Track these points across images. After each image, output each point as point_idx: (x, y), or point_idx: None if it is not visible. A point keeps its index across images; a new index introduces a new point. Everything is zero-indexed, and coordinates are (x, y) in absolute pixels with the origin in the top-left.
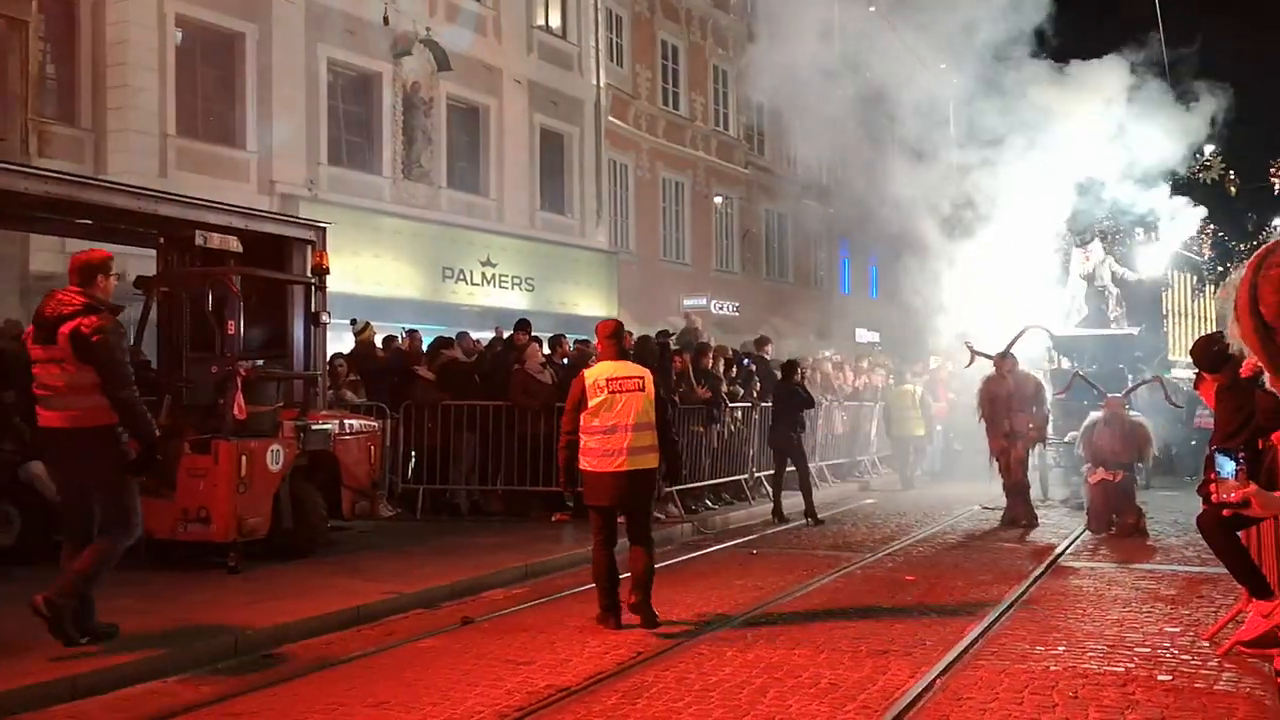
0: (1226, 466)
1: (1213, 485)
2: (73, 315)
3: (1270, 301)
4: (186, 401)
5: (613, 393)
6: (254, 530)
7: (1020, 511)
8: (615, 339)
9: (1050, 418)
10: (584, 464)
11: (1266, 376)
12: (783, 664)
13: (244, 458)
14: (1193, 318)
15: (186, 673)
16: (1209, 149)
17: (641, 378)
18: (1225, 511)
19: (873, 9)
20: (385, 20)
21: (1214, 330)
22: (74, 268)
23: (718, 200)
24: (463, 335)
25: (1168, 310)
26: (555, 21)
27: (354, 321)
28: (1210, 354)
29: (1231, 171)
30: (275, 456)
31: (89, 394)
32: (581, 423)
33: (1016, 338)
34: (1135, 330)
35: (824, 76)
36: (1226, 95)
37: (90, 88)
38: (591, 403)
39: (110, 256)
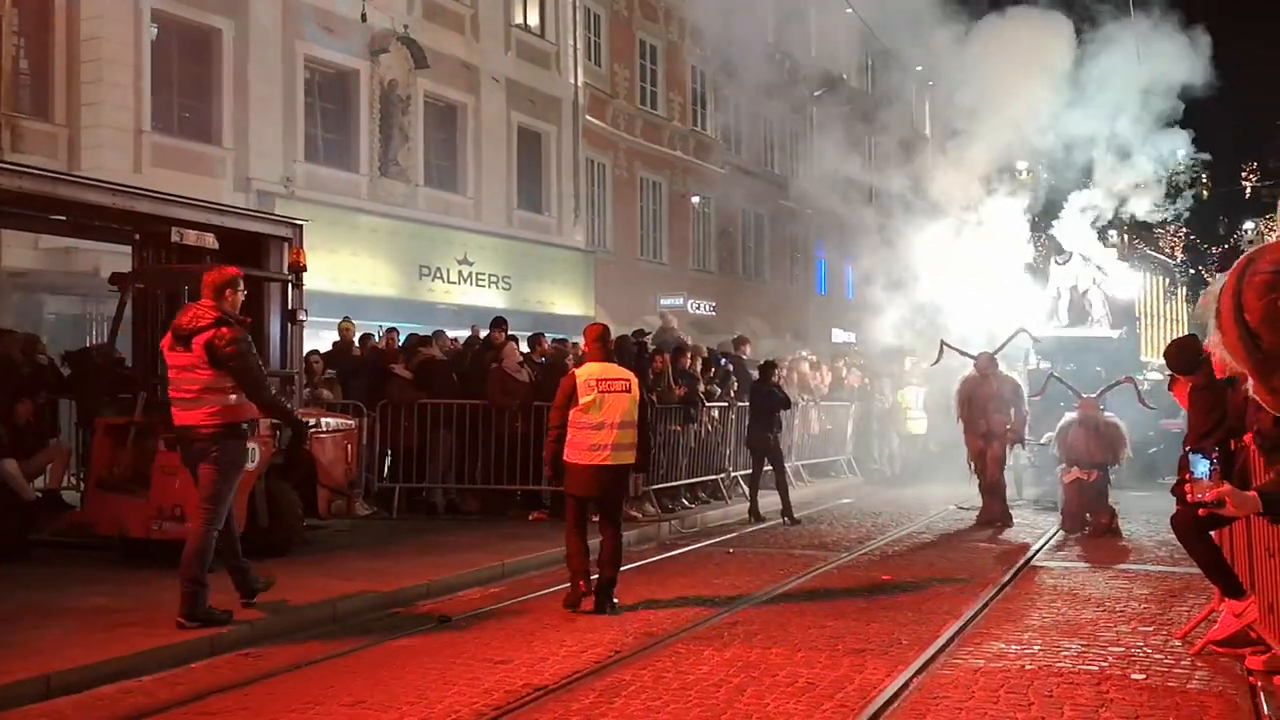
0: (1201, 466)
1: (1188, 485)
2: (207, 327)
3: (1255, 308)
4: (161, 399)
5: (602, 392)
6: None
7: (996, 511)
8: (602, 342)
9: (1027, 418)
10: (568, 456)
11: (1250, 383)
12: (760, 663)
13: None
14: (1165, 320)
15: (161, 671)
16: (1181, 152)
17: (629, 380)
18: (1201, 511)
19: (849, 10)
20: (363, 17)
21: (1186, 333)
22: (206, 283)
23: (695, 200)
24: (439, 334)
25: (1140, 313)
26: (534, 20)
27: (347, 318)
28: (1184, 356)
29: (1203, 174)
30: (251, 455)
31: (220, 396)
32: (570, 418)
33: (1009, 339)
34: (1115, 334)
35: (798, 79)
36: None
37: (64, 82)
38: (582, 400)
39: (239, 274)
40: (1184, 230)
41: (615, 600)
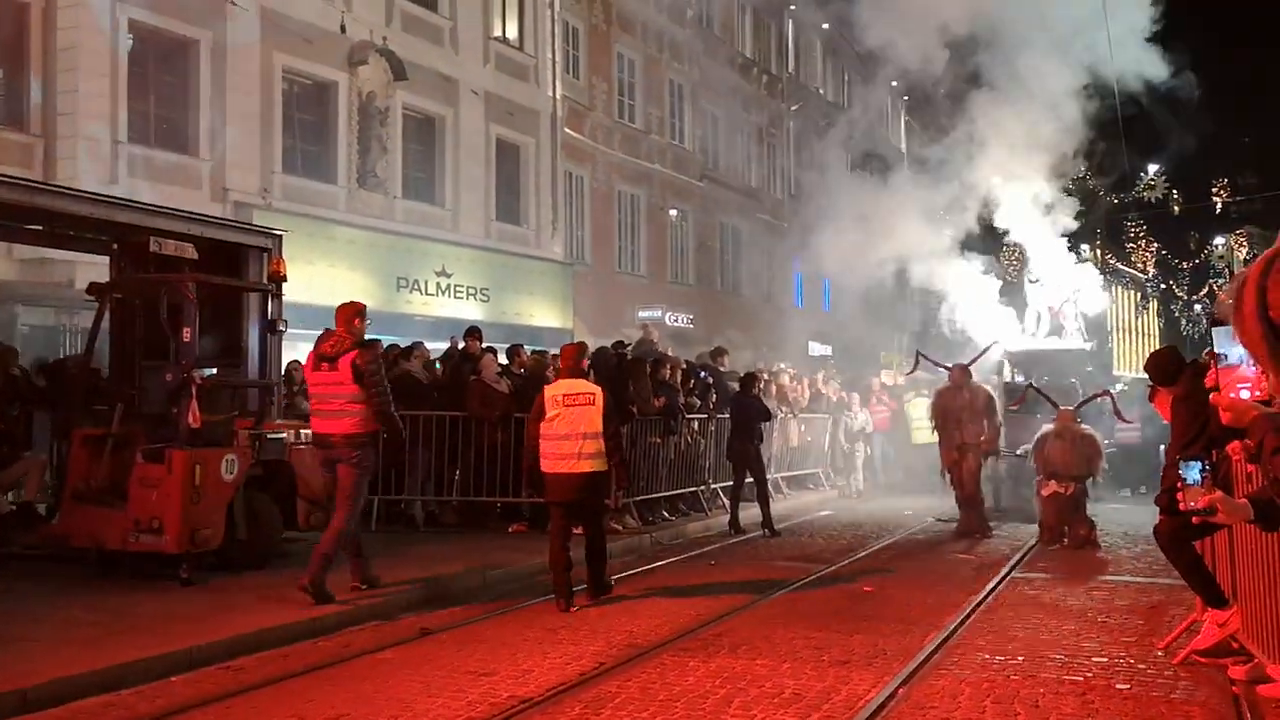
0: (1192, 473)
1: (1180, 493)
2: (350, 349)
3: None
4: (139, 410)
5: (566, 406)
6: (207, 541)
7: (974, 524)
8: (573, 360)
9: (1001, 430)
10: (544, 466)
11: (1272, 379)
12: (746, 674)
13: (198, 467)
14: (1136, 334)
15: (141, 685)
16: (1153, 168)
17: (593, 394)
18: (1195, 519)
19: (826, 26)
20: (342, 29)
21: (1160, 345)
22: (340, 314)
23: (673, 213)
24: (418, 345)
25: (1112, 326)
26: (512, 33)
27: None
28: (1164, 368)
29: (1174, 190)
30: (229, 466)
31: (358, 408)
32: (541, 431)
33: (984, 351)
34: (1088, 345)
35: (775, 93)
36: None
37: (40, 93)
38: (549, 414)
39: (365, 306)
40: (1155, 245)
41: (611, 582)
